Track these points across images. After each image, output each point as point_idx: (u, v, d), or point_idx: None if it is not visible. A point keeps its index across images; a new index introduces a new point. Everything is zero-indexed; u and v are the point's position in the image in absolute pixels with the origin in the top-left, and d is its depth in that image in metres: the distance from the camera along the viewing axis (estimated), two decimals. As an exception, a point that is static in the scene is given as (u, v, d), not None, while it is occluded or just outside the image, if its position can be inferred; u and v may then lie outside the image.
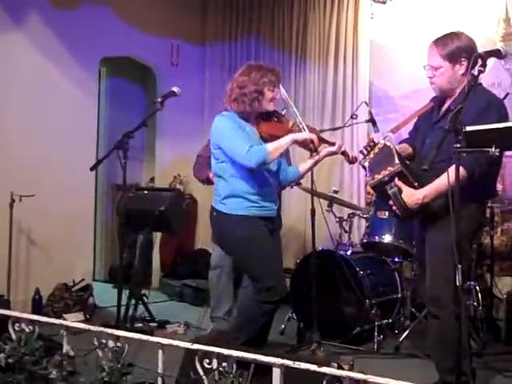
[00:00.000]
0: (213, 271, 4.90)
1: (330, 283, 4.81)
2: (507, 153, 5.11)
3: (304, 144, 3.63)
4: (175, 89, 4.41)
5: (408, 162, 3.48)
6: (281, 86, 3.72)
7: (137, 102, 7.54)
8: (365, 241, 4.83)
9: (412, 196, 3.23)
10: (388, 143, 3.38)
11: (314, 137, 3.60)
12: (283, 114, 3.79)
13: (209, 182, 4.81)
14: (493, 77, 5.48)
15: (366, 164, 3.47)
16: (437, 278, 3.28)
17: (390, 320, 4.85)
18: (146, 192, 5.55)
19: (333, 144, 3.70)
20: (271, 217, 3.71)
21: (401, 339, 4.58)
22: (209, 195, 5.24)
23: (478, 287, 4.80)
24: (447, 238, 3.01)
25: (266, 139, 3.63)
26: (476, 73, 2.94)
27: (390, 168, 3.27)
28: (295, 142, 3.59)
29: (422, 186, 3.24)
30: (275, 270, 3.61)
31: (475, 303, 4.72)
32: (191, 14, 7.38)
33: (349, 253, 4.95)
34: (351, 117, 4.87)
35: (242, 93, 3.58)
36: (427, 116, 3.56)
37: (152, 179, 7.33)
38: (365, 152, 3.51)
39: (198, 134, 6.88)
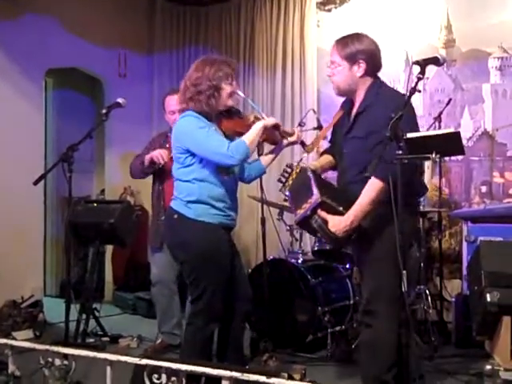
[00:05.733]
0: (155, 288, 4.87)
1: (282, 292, 4.84)
2: (453, 157, 5.35)
3: (271, 135, 3.54)
4: (120, 100, 4.41)
5: (329, 183, 3.44)
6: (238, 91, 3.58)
7: (85, 114, 7.45)
8: (316, 248, 4.87)
9: (339, 224, 3.11)
10: (305, 166, 3.34)
11: (279, 121, 3.56)
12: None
13: (143, 172, 4.74)
14: (436, 83, 5.61)
15: (287, 193, 3.41)
16: (371, 289, 3.27)
17: (343, 327, 4.89)
18: (95, 204, 5.49)
19: (291, 134, 3.63)
20: (232, 227, 3.61)
21: (354, 345, 4.62)
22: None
23: (427, 291, 4.88)
24: (378, 250, 3.10)
25: (231, 137, 3.48)
26: (415, 80, 3.00)
27: (310, 200, 3.13)
28: (265, 128, 3.45)
29: (349, 207, 3.13)
30: (221, 294, 3.44)
31: (425, 307, 4.80)
32: (138, 23, 7.34)
33: (300, 261, 4.97)
34: (299, 124, 4.87)
35: (197, 91, 3.40)
36: (341, 124, 3.50)
37: (102, 191, 7.27)
38: (283, 179, 3.45)
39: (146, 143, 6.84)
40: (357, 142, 3.24)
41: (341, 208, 3.13)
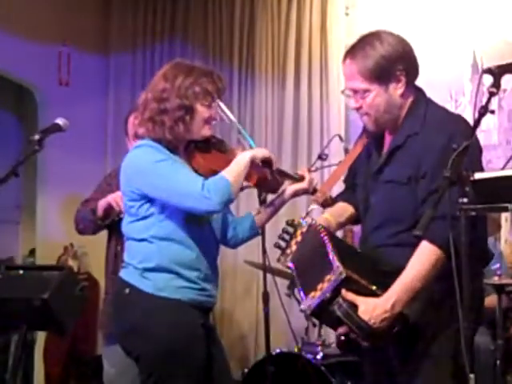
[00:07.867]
0: None
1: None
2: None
3: (264, 177, 3.44)
4: (60, 121, 4.36)
5: (350, 246, 3.46)
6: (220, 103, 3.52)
7: (9, 139, 7.50)
8: (343, 338, 4.79)
9: (375, 309, 2.97)
10: (314, 223, 3.27)
11: (273, 156, 3.45)
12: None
13: (95, 225, 4.71)
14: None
15: (290, 264, 3.32)
16: None
17: None
18: (20, 272, 5.45)
19: (300, 179, 3.56)
20: (209, 307, 3.57)
21: None
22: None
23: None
24: (427, 345, 3.05)
25: (206, 178, 3.37)
26: (487, 94, 2.94)
27: (328, 276, 2.99)
28: (253, 161, 3.36)
29: (384, 283, 3.03)
30: None
31: None
32: (88, 12, 7.43)
33: (319, 356, 4.96)
34: (319, 157, 4.89)
35: (161, 109, 3.37)
36: (364, 159, 3.45)
37: (32, 252, 7.27)
38: (283, 244, 3.37)
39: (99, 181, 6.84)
40: (395, 188, 3.20)
41: (374, 287, 3.02)
